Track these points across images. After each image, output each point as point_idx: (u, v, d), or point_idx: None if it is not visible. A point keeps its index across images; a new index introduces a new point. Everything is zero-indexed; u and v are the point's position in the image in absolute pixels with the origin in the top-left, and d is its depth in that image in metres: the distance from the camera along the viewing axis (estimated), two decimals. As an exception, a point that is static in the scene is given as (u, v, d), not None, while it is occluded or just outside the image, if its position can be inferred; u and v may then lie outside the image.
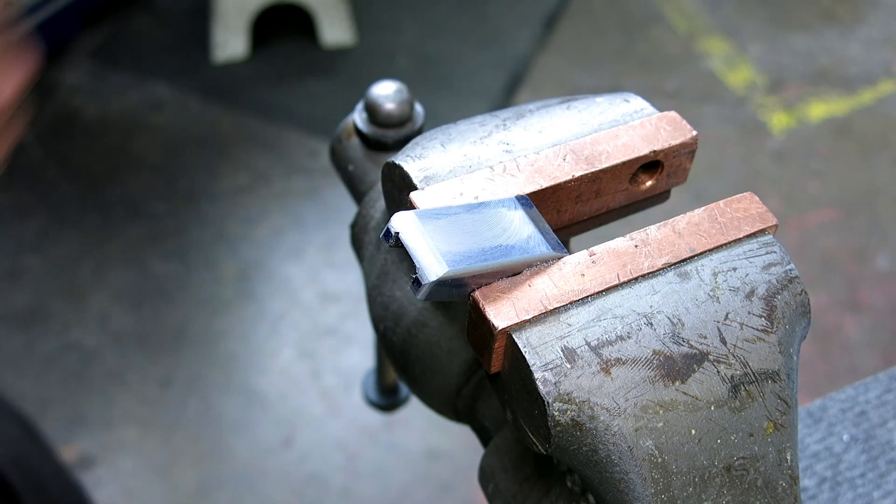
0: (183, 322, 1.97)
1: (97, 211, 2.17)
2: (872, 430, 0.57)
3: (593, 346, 0.33)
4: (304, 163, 2.28)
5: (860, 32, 2.64)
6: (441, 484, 1.74)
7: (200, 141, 2.34)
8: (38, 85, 2.45)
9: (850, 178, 2.27)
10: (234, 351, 1.93)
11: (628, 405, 0.32)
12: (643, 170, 0.40)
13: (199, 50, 2.55)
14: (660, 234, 0.36)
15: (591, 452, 0.33)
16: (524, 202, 0.36)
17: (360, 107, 0.55)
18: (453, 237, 0.34)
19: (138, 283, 2.03)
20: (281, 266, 2.07)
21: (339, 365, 1.90)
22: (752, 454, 0.35)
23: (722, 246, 0.36)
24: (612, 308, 0.34)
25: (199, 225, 2.16)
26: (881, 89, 2.49)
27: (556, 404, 0.32)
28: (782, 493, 0.36)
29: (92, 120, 2.39)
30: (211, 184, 2.24)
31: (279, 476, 1.74)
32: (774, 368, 0.35)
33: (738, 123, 2.40)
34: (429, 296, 0.33)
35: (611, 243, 0.36)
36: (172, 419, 1.81)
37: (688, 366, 0.33)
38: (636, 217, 0.42)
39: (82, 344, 1.90)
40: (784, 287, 0.36)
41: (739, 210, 0.37)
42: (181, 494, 1.72)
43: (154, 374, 1.89)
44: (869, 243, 2.12)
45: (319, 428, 1.81)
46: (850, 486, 0.55)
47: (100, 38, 2.59)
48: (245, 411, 1.83)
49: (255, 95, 2.45)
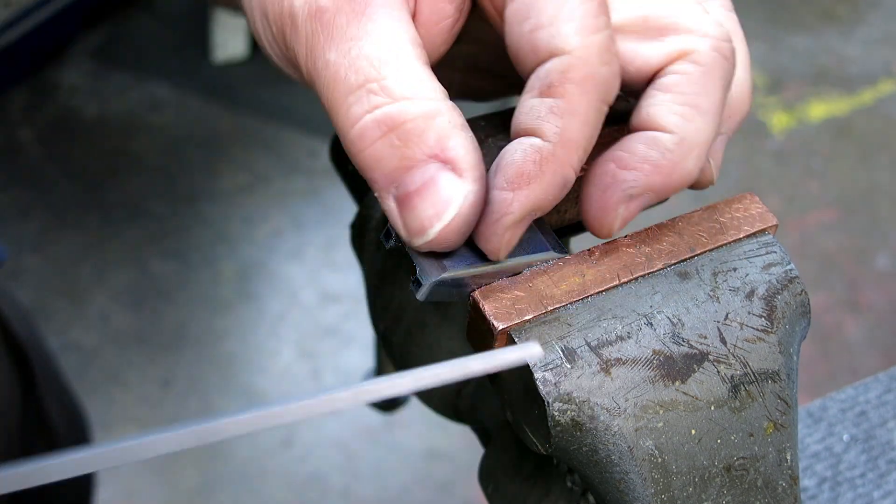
0: (183, 322, 1.97)
1: (97, 211, 2.17)
2: (872, 430, 0.57)
3: (593, 346, 0.33)
4: (304, 163, 2.28)
5: (860, 32, 2.64)
6: (441, 484, 1.74)
7: (200, 141, 2.34)
8: (38, 85, 2.45)
9: (850, 178, 2.27)
10: (234, 351, 1.93)
11: (628, 405, 0.32)
12: (643, 170, 0.40)
13: (199, 50, 2.55)
14: (660, 234, 0.36)
15: (591, 452, 0.33)
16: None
17: (360, 107, 0.55)
18: (453, 237, 0.34)
19: (138, 283, 2.03)
20: (281, 266, 2.07)
21: (339, 365, 1.90)
22: (752, 454, 0.35)
23: (722, 246, 0.36)
24: (612, 308, 0.34)
25: (199, 225, 2.16)
26: (881, 89, 2.49)
27: (556, 404, 0.32)
28: (782, 493, 0.36)
29: (92, 120, 2.39)
30: (211, 184, 2.24)
31: (279, 476, 1.74)
32: (774, 368, 0.35)
33: (738, 123, 2.40)
34: (429, 296, 0.33)
35: (611, 243, 0.36)
36: (172, 419, 1.81)
37: (688, 366, 0.34)
38: (636, 217, 0.42)
39: (82, 344, 1.90)
40: (784, 287, 0.36)
41: (739, 210, 0.37)
42: (181, 494, 1.72)
43: (154, 374, 1.89)
44: (869, 243, 2.12)
45: (319, 428, 1.81)
46: (850, 486, 0.55)
47: (100, 38, 2.60)
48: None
49: (254, 95, 2.45)
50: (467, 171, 0.30)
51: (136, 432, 1.48)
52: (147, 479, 1.73)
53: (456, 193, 0.30)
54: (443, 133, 0.30)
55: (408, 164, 0.30)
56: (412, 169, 0.30)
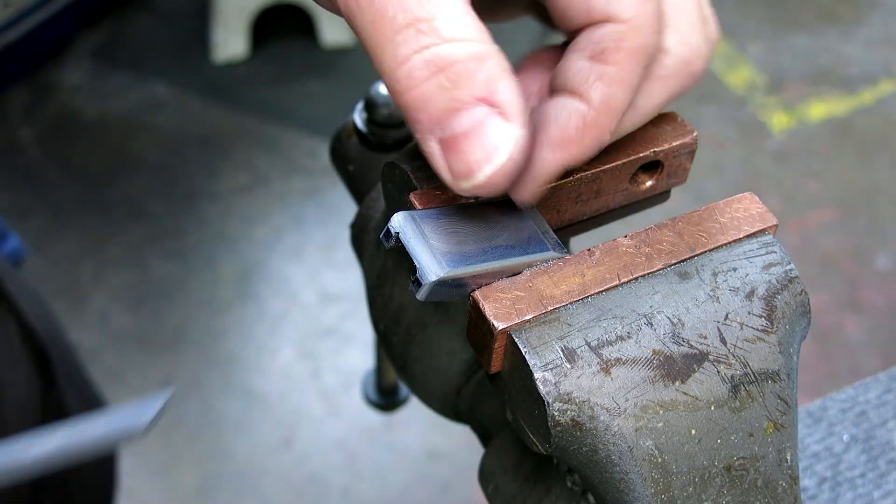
0: (183, 322, 1.97)
1: (97, 211, 2.17)
2: (872, 430, 0.57)
3: (593, 346, 0.33)
4: (304, 163, 2.28)
5: (860, 32, 2.64)
6: (441, 484, 1.74)
7: (200, 141, 2.34)
8: (38, 85, 2.45)
9: (850, 178, 2.27)
10: (234, 351, 1.93)
11: (628, 405, 0.32)
12: (643, 170, 0.40)
13: (199, 50, 2.55)
14: (660, 234, 0.36)
15: (591, 452, 0.33)
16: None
17: (360, 107, 0.55)
18: (453, 237, 0.34)
19: (138, 283, 2.04)
20: (281, 266, 2.07)
21: (339, 365, 1.90)
22: (752, 454, 0.35)
23: (722, 246, 0.36)
24: (612, 308, 0.34)
25: (199, 225, 2.16)
26: (881, 89, 2.49)
27: (556, 404, 0.32)
28: (782, 493, 0.36)
29: (92, 120, 2.39)
30: (211, 184, 2.24)
31: (279, 476, 1.74)
32: (774, 368, 0.35)
33: (738, 123, 2.40)
34: (429, 296, 0.33)
35: (611, 243, 0.36)
36: (172, 419, 1.81)
37: (688, 366, 0.33)
38: (636, 217, 0.42)
39: (82, 344, 1.90)
40: (784, 287, 0.36)
41: (739, 210, 0.37)
42: (181, 494, 1.72)
43: (154, 374, 1.89)
44: (869, 243, 2.12)
45: (319, 428, 1.81)
46: (850, 486, 0.55)
47: (100, 38, 2.60)
48: (245, 411, 1.83)
49: (255, 95, 2.45)
50: (515, 115, 0.30)
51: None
52: (147, 479, 1.73)
53: (506, 138, 0.30)
54: (493, 76, 0.30)
55: (457, 106, 0.30)
56: (461, 111, 0.30)
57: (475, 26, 0.30)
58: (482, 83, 0.30)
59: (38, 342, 0.76)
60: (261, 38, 2.57)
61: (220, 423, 1.82)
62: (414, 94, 0.30)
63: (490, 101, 0.30)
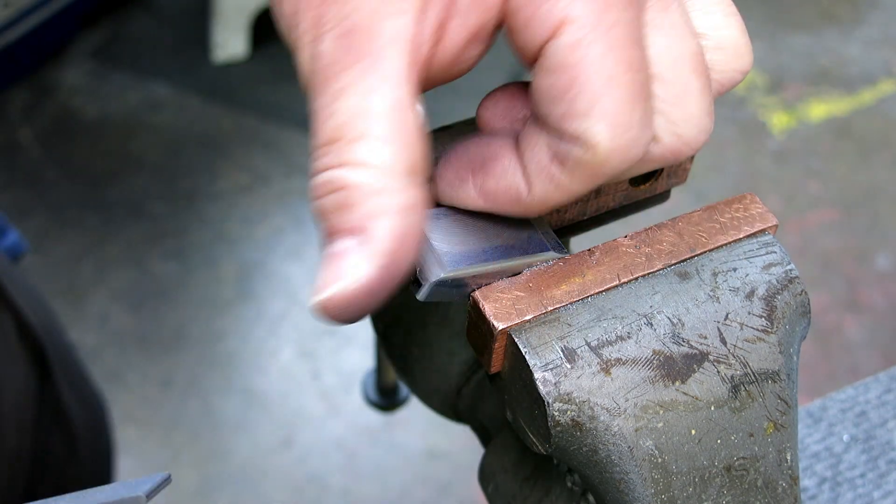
0: (183, 322, 1.97)
1: (97, 211, 2.17)
2: (872, 430, 0.57)
3: (593, 346, 0.33)
4: (304, 163, 2.28)
5: (860, 32, 2.64)
6: (441, 484, 1.74)
7: (200, 141, 2.34)
8: (38, 85, 2.45)
9: (850, 178, 2.27)
10: (234, 351, 1.93)
11: (628, 405, 0.32)
12: (643, 170, 0.40)
13: (199, 50, 2.55)
14: (660, 234, 0.36)
15: (591, 452, 0.33)
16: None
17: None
18: (453, 237, 0.34)
19: (138, 283, 2.03)
20: (281, 266, 2.07)
21: (339, 365, 1.90)
22: (752, 454, 0.35)
23: (722, 246, 0.36)
24: (613, 308, 0.34)
25: (199, 225, 2.16)
26: (881, 89, 2.49)
27: (556, 404, 0.32)
28: (782, 494, 0.36)
29: (92, 120, 2.39)
30: (211, 184, 2.24)
31: (279, 476, 1.74)
32: (774, 368, 0.35)
33: (738, 123, 2.40)
34: (429, 296, 0.33)
35: (611, 243, 0.36)
36: (172, 419, 1.81)
37: (688, 366, 0.34)
38: (636, 217, 0.42)
39: (82, 344, 1.90)
40: (784, 287, 0.36)
41: (739, 210, 0.37)
42: (181, 494, 1.72)
43: (154, 374, 1.89)
44: (869, 243, 2.12)
45: (319, 428, 1.81)
46: (850, 486, 0.55)
47: (100, 38, 2.59)
48: (245, 411, 1.83)
49: (254, 95, 2.45)
50: (377, 256, 0.30)
51: (136, 433, 1.49)
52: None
53: (354, 274, 0.30)
54: (375, 212, 0.30)
55: (332, 230, 0.31)
56: (333, 235, 0.31)
57: (392, 150, 0.30)
58: (360, 216, 0.30)
59: (34, 338, 0.76)
60: (261, 38, 2.57)
61: (219, 422, 1.82)
62: (314, 204, 0.32)
63: (362, 234, 0.30)
